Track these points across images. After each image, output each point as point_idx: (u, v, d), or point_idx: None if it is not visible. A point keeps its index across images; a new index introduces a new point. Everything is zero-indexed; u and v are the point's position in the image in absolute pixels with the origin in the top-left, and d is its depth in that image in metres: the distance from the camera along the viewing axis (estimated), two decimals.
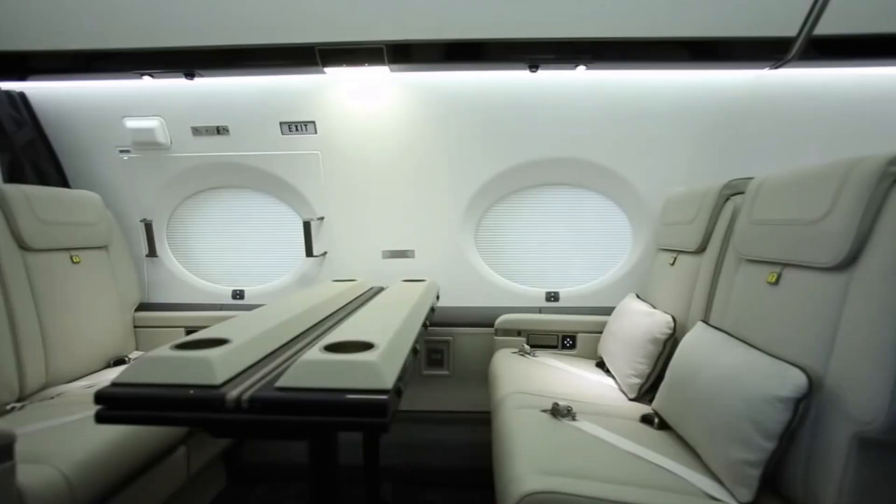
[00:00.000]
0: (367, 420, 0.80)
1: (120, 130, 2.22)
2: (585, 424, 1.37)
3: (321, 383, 0.84)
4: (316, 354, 0.89)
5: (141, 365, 0.88)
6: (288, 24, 1.78)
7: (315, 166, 2.23)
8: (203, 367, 0.87)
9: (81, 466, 1.21)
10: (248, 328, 1.10)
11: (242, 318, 1.23)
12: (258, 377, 0.92)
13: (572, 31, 1.80)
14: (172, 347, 0.95)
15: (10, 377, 1.65)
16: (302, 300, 1.50)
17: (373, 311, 1.33)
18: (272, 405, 0.82)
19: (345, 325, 1.14)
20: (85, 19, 1.85)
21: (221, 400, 0.82)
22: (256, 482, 2.12)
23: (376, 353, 0.90)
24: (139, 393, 0.84)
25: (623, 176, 2.20)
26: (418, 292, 1.67)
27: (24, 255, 1.77)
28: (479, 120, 2.15)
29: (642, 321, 1.76)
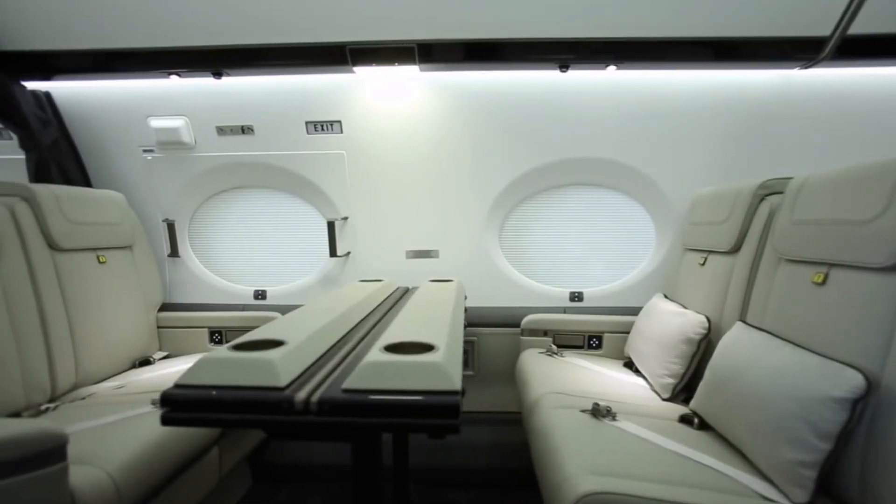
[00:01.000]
0: (438, 421, 0.79)
1: (144, 130, 2.21)
2: (627, 425, 1.36)
3: (388, 385, 0.83)
4: (379, 356, 0.89)
5: (203, 366, 0.88)
6: (319, 23, 1.77)
7: (340, 166, 2.22)
8: (267, 369, 0.86)
9: (126, 468, 1.20)
10: (297, 329, 1.09)
11: (287, 318, 1.22)
12: (319, 379, 0.92)
13: (603, 31, 1.80)
14: (230, 349, 0.95)
15: (43, 378, 1.64)
16: (338, 300, 1.49)
17: (415, 311, 1.33)
18: (341, 407, 0.81)
19: (394, 326, 1.13)
20: (112, 19, 1.85)
21: (290, 402, 0.81)
22: (281, 482, 2.12)
23: (440, 354, 0.89)
24: (206, 395, 0.83)
25: (648, 176, 2.20)
26: (452, 293, 1.67)
27: (53, 255, 1.77)
28: (504, 120, 2.15)
29: (673, 321, 1.76)
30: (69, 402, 1.68)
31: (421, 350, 0.94)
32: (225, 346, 0.97)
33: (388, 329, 1.12)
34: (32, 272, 1.67)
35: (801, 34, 1.78)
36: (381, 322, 1.40)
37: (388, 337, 1.02)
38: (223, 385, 0.85)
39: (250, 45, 1.86)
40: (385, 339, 1.01)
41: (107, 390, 1.77)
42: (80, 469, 1.13)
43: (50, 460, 1.00)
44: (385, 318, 1.44)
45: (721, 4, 1.73)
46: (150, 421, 1.39)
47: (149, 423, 1.37)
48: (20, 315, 1.59)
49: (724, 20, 1.77)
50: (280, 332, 1.05)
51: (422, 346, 0.95)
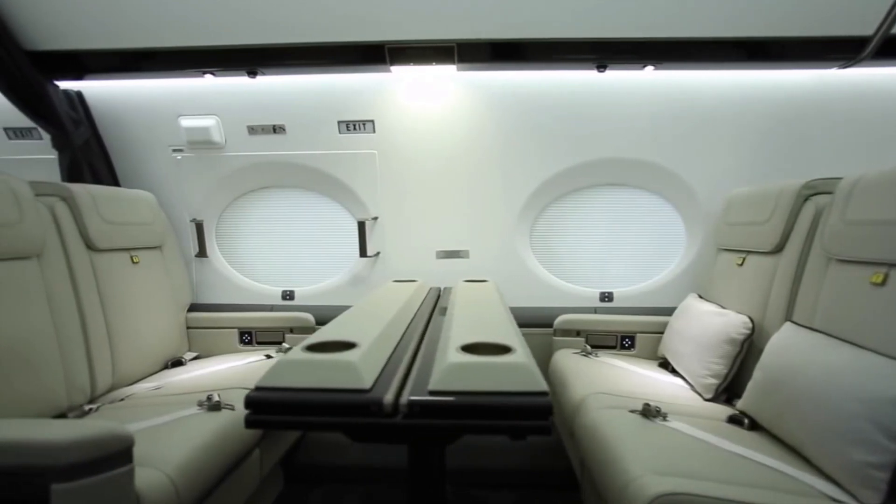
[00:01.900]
0: (530, 423, 0.79)
1: (173, 129, 2.20)
2: (678, 425, 1.36)
3: (474, 386, 0.83)
4: (461, 357, 0.88)
5: (282, 369, 0.87)
6: (357, 21, 1.76)
7: (371, 166, 2.22)
8: (350, 371, 0.85)
9: (183, 469, 1.19)
10: (357, 331, 1.09)
11: (342, 321, 1.21)
12: (397, 380, 0.91)
13: (641, 31, 1.80)
14: (304, 350, 0.94)
15: (83, 379, 1.63)
16: (384, 301, 1.48)
17: (469, 311, 1.32)
18: (431, 409, 0.80)
19: (457, 326, 1.13)
20: (147, 18, 1.84)
21: (378, 404, 0.81)
22: (313, 484, 2.11)
23: (522, 354, 0.88)
24: (291, 398, 0.82)
25: (679, 176, 2.19)
26: (494, 293, 1.66)
27: (91, 255, 1.76)
28: (537, 119, 2.14)
29: (713, 321, 1.76)
30: (108, 403, 1.67)
31: (497, 351, 0.93)
32: (298, 347, 0.96)
33: (451, 329, 1.11)
34: (72, 272, 1.66)
35: (840, 34, 1.78)
36: (436, 322, 1.39)
37: (457, 338, 1.02)
38: (305, 387, 0.84)
39: (286, 44, 1.85)
40: (455, 339, 1.00)
41: (145, 391, 1.76)
42: (140, 471, 1.12)
43: (118, 462, 0.99)
44: (438, 319, 1.43)
45: (760, 4, 1.73)
46: (199, 422, 1.38)
47: (198, 425, 1.36)
48: (62, 315, 1.58)
49: (761, 20, 1.76)
50: (341, 334, 1.05)
51: (497, 347, 0.95)
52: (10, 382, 1.35)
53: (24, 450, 0.92)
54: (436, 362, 0.95)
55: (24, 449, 0.92)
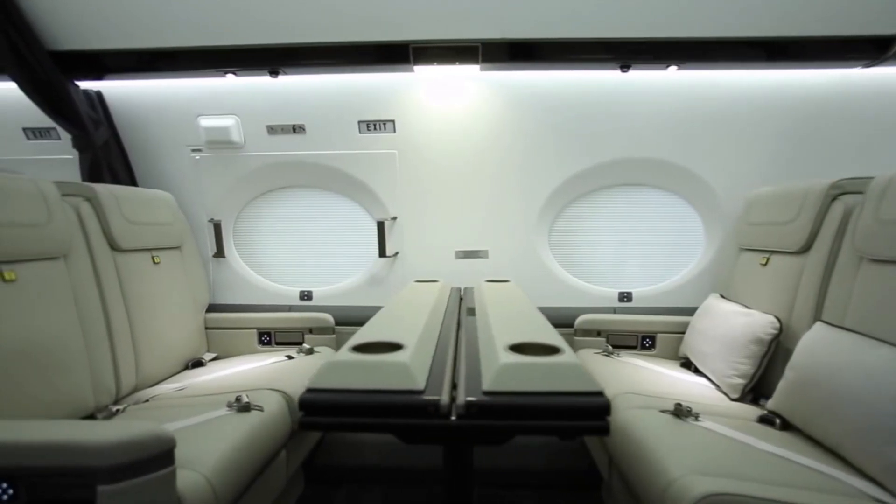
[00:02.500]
0: (588, 423, 0.78)
1: (191, 129, 2.20)
2: (711, 425, 1.36)
3: (529, 386, 0.82)
4: (513, 357, 0.88)
5: (332, 370, 0.86)
6: (381, 21, 1.76)
7: (391, 165, 2.21)
8: (403, 372, 0.85)
9: (219, 470, 1.19)
10: (398, 331, 1.08)
11: (380, 320, 1.20)
12: (447, 381, 0.90)
13: (665, 31, 1.79)
14: (351, 350, 0.93)
15: (108, 379, 1.63)
16: (413, 301, 1.48)
17: (502, 310, 1.32)
18: (488, 410, 0.80)
19: (496, 326, 1.12)
20: (168, 17, 1.84)
21: (435, 406, 0.80)
22: (332, 485, 2.10)
23: (572, 355, 0.88)
24: (347, 399, 0.82)
25: (699, 176, 2.19)
26: (519, 292, 1.66)
27: (114, 255, 1.75)
28: (557, 119, 2.14)
29: (738, 321, 1.76)
30: (132, 404, 1.66)
31: (545, 351, 0.93)
32: (344, 348, 0.95)
33: (491, 329, 1.10)
34: (97, 273, 1.66)
35: (864, 33, 1.78)
36: (468, 322, 1.38)
37: (501, 337, 1.01)
38: (358, 389, 0.84)
39: (309, 44, 1.85)
40: (499, 339, 1.00)
41: (168, 392, 1.75)
42: (179, 472, 1.11)
43: (161, 464, 0.99)
44: (469, 319, 1.42)
45: (782, 4, 1.72)
46: (230, 423, 1.38)
47: (229, 426, 1.36)
48: (88, 316, 1.57)
49: (784, 19, 1.76)
50: (382, 335, 1.04)
51: (544, 347, 0.94)
52: (39, 383, 1.35)
53: (72, 451, 0.92)
54: (485, 362, 0.94)
55: (72, 450, 0.92)
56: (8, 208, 1.35)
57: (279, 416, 1.53)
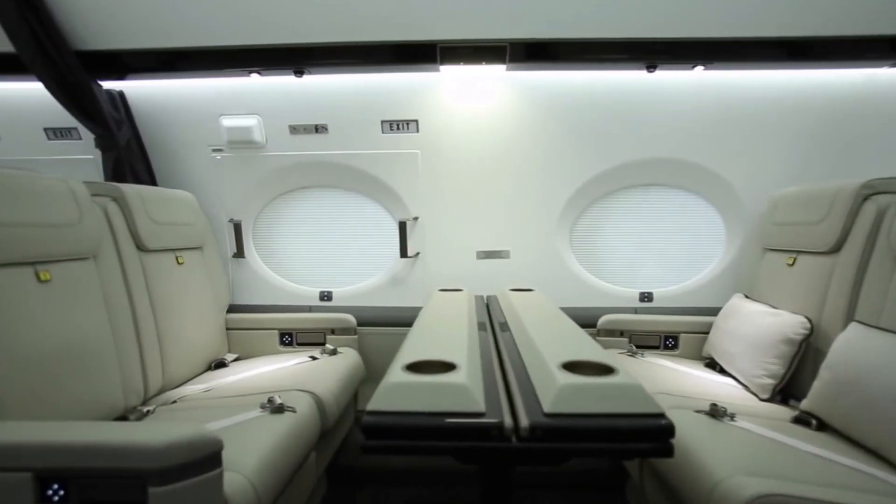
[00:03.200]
0: (651, 446, 0.78)
1: (212, 129, 2.19)
2: (747, 425, 1.35)
3: (590, 408, 0.81)
4: (571, 378, 0.86)
5: (391, 391, 0.85)
6: (409, 21, 1.76)
7: (413, 165, 2.21)
8: (463, 394, 0.84)
9: (260, 472, 1.18)
10: (441, 348, 1.08)
11: (420, 337, 1.19)
12: (504, 401, 0.90)
13: (691, 31, 1.79)
14: (405, 370, 0.93)
15: (137, 380, 1.62)
16: (445, 314, 1.46)
17: (536, 324, 1.32)
18: (553, 432, 0.79)
19: (541, 342, 1.11)
20: (190, 17, 1.83)
21: (499, 428, 0.79)
22: (355, 486, 2.10)
23: (629, 375, 0.88)
24: (413, 423, 0.81)
25: (721, 176, 2.19)
26: (548, 304, 1.66)
27: (140, 255, 1.74)
28: (580, 120, 2.14)
29: (766, 321, 1.75)
30: (160, 405, 1.65)
31: (599, 371, 0.92)
32: (397, 367, 0.94)
33: (536, 345, 1.10)
34: (125, 273, 1.65)
35: (889, 32, 1.77)
36: (504, 338, 1.37)
37: (550, 355, 1.00)
38: (419, 411, 0.83)
39: (334, 43, 1.85)
40: (549, 357, 0.99)
41: (195, 393, 1.75)
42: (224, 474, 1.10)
43: (209, 466, 0.98)
44: (505, 334, 1.42)
45: (810, 3, 1.72)
46: (265, 425, 1.37)
47: (265, 427, 1.35)
48: (117, 316, 1.57)
49: (810, 19, 1.76)
50: (428, 353, 1.03)
51: (597, 367, 0.94)
52: (73, 384, 1.34)
53: (125, 453, 0.91)
54: (539, 382, 0.93)
55: (125, 452, 0.91)
56: (42, 208, 1.34)
57: (311, 418, 1.52)
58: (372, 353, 2.24)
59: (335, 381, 1.79)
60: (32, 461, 0.93)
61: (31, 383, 1.23)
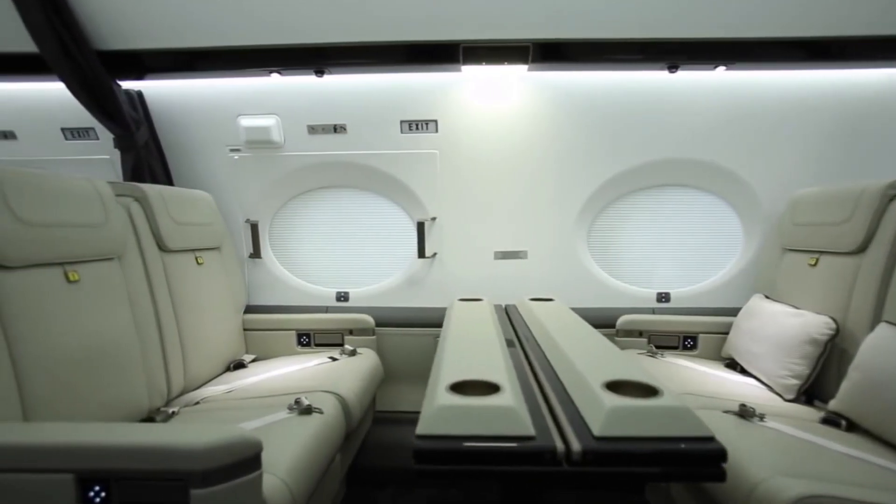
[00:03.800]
0: (702, 470, 0.78)
1: (230, 129, 2.18)
2: (778, 425, 1.35)
3: (639, 431, 0.81)
4: (619, 400, 0.86)
5: (439, 414, 0.85)
6: (432, 20, 1.75)
7: (432, 165, 2.20)
8: (513, 417, 0.84)
9: (294, 473, 1.18)
10: (481, 365, 1.08)
11: (453, 355, 1.19)
12: (551, 423, 0.90)
13: (714, 31, 1.79)
14: (449, 391, 0.92)
15: (160, 381, 1.61)
16: (471, 328, 1.46)
17: (565, 339, 1.32)
18: (605, 457, 0.79)
19: (577, 360, 1.11)
20: (210, 17, 1.83)
21: (552, 453, 0.79)
22: (373, 487, 2.09)
23: (675, 397, 0.87)
24: (468, 448, 0.80)
25: (739, 176, 2.19)
26: (571, 315, 1.67)
27: (162, 255, 1.74)
28: (599, 120, 2.13)
29: (789, 322, 1.75)
30: (183, 406, 1.64)
31: (643, 392, 0.92)
32: (441, 388, 0.94)
33: (574, 363, 1.09)
34: (148, 273, 1.65)
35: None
36: (535, 352, 1.37)
37: (591, 375, 1.00)
38: (470, 435, 0.82)
39: (356, 43, 1.84)
40: (590, 377, 0.99)
41: (217, 394, 1.74)
42: None
43: (249, 468, 0.98)
44: (536, 349, 1.41)
45: (834, 3, 1.72)
46: (295, 426, 1.36)
47: (295, 429, 1.35)
48: (141, 317, 1.56)
49: (834, 19, 1.76)
50: (467, 371, 1.03)
51: (642, 387, 0.93)
52: (99, 384, 1.33)
53: (168, 454, 0.90)
54: (583, 403, 0.93)
55: (168, 454, 0.90)
56: (70, 208, 1.34)
57: (337, 419, 1.52)
58: (390, 353, 2.24)
59: (357, 381, 1.78)
60: (74, 462, 0.92)
61: (60, 384, 1.22)
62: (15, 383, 1.11)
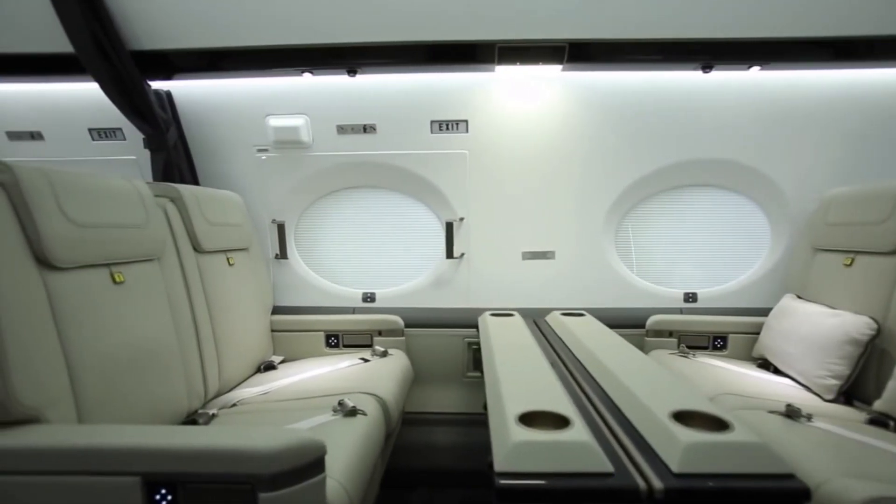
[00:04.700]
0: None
1: (257, 129, 2.17)
2: (826, 426, 1.34)
3: (718, 467, 0.81)
4: (694, 435, 0.86)
5: (516, 451, 0.85)
6: (468, 20, 1.74)
7: (461, 166, 2.19)
8: (589, 453, 0.84)
9: (350, 476, 1.17)
10: (539, 393, 1.07)
11: (507, 376, 1.18)
12: (625, 458, 0.89)
13: (748, 32, 1.78)
14: (518, 423, 0.91)
15: (198, 382, 1.60)
16: (511, 349, 1.46)
17: (611, 360, 1.32)
18: (688, 495, 0.78)
19: (633, 387, 1.10)
20: (240, 17, 1.81)
21: (635, 492, 0.79)
22: (404, 488, 2.08)
23: (749, 432, 0.87)
24: (550, 486, 0.80)
25: (767, 176, 2.18)
26: (611, 334, 1.66)
27: (197, 257, 1.73)
28: (629, 120, 2.13)
29: (826, 322, 1.75)
30: (219, 408, 1.63)
31: (711, 423, 0.91)
32: (510, 419, 0.93)
33: (631, 390, 1.09)
34: (185, 274, 1.64)
35: None
36: (582, 375, 1.36)
37: (654, 403, 0.99)
38: (548, 472, 0.82)
39: (389, 42, 1.83)
40: (653, 406, 0.98)
41: (252, 396, 1.73)
42: None
43: (313, 471, 0.97)
44: (581, 370, 1.40)
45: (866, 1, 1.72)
46: (341, 428, 1.36)
47: (342, 431, 1.34)
48: (180, 318, 1.55)
49: (867, 17, 1.75)
50: (526, 400, 1.02)
51: (710, 419, 0.92)
52: (143, 386, 1.32)
53: (237, 458, 0.90)
54: (654, 435, 0.92)
55: (237, 457, 0.90)
56: (114, 209, 1.33)
57: (379, 421, 1.51)
58: (418, 354, 2.23)
59: (392, 383, 1.77)
60: (141, 465, 0.91)
61: (111, 386, 1.21)
62: (70, 385, 1.10)
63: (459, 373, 2.25)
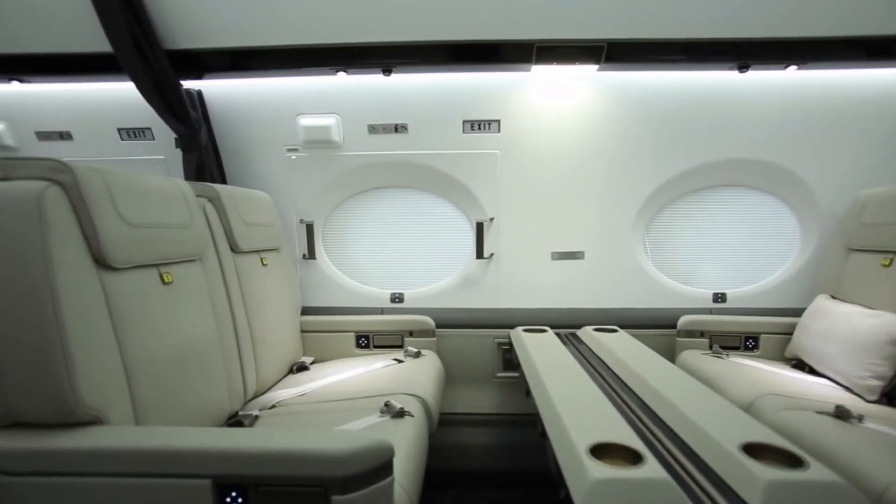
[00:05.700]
0: None
1: (287, 128, 2.16)
2: (879, 427, 1.34)
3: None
4: (769, 472, 0.84)
5: (599, 489, 0.84)
6: (506, 19, 1.73)
7: (492, 166, 2.18)
8: (670, 492, 0.84)
9: (408, 478, 1.16)
10: (597, 422, 1.06)
11: (564, 404, 1.17)
12: (703, 496, 0.88)
13: (785, 31, 1.78)
14: (589, 457, 0.91)
15: (238, 383, 1.59)
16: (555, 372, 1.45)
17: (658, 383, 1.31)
18: None
19: (692, 417, 1.09)
20: (274, 16, 1.80)
21: None
22: (437, 489, 2.07)
23: (827, 472, 0.86)
24: None
25: (799, 176, 2.18)
26: (649, 352, 1.66)
27: (234, 257, 1.72)
28: (659, 121, 2.12)
29: (865, 322, 1.74)
30: (259, 409, 1.62)
31: (790, 462, 0.90)
32: (582, 451, 0.93)
33: (688, 421, 1.08)
34: (224, 275, 1.62)
35: None
36: (633, 400, 1.35)
37: (716, 432, 0.98)
38: None
39: (427, 42, 1.82)
40: (716, 435, 0.97)
41: (290, 398, 1.72)
42: None
43: (383, 474, 0.96)
44: (629, 395, 1.39)
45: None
46: (390, 429, 1.35)
47: (392, 432, 1.33)
48: (221, 319, 1.54)
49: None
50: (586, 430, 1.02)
51: (786, 456, 0.91)
52: (190, 387, 1.31)
53: (310, 460, 0.89)
54: (729, 473, 0.91)
55: (310, 460, 0.89)
56: (162, 209, 1.32)
57: (424, 422, 1.50)
58: (448, 355, 2.22)
59: (430, 383, 1.76)
60: (212, 468, 0.90)
61: (163, 387, 1.20)
62: (127, 386, 1.09)
63: (490, 373, 2.24)
